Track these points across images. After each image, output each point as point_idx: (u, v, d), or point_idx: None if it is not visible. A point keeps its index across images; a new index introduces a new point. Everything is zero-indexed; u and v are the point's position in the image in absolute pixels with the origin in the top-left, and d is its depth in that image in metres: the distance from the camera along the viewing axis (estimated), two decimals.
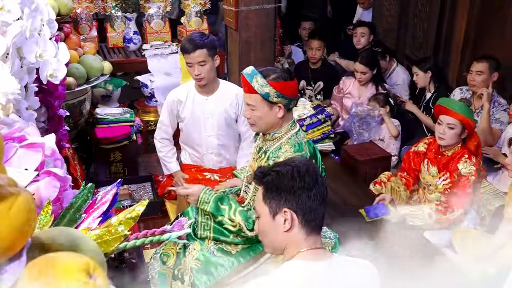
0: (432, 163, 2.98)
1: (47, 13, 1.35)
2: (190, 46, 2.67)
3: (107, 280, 0.65)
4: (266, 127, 2.11)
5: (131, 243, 0.86)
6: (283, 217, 1.44)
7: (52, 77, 1.35)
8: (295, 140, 2.09)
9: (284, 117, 2.09)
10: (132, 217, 0.85)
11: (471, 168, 2.79)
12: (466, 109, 2.79)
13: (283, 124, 2.11)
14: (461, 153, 2.85)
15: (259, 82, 2.01)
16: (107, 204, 0.92)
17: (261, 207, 1.49)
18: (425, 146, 3.08)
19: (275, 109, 2.05)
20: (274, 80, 2.01)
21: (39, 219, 0.81)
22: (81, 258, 0.63)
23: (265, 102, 2.03)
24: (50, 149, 0.97)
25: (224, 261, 2.10)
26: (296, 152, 2.05)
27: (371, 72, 4.19)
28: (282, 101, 2.04)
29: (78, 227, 0.88)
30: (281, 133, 2.12)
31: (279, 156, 2.06)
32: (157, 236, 0.89)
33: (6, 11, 1.14)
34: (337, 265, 1.42)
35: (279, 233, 1.46)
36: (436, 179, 2.94)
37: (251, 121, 2.12)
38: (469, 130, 2.81)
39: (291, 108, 2.12)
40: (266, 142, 2.17)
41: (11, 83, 1.08)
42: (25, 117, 1.21)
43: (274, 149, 2.11)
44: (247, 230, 2.03)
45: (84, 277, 0.60)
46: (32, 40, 1.23)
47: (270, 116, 2.07)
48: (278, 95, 2.01)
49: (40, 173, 0.91)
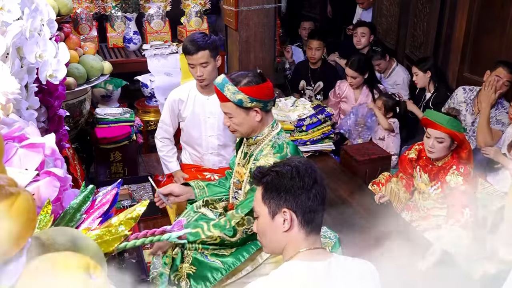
0: (424, 171, 2.96)
1: (47, 13, 1.35)
2: (193, 47, 2.66)
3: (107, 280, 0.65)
4: (247, 131, 2.13)
5: (131, 243, 0.86)
6: (282, 217, 1.44)
7: (51, 77, 1.35)
8: (275, 141, 2.10)
9: (263, 119, 2.10)
10: (133, 218, 0.85)
11: (457, 179, 2.76)
12: (454, 123, 2.73)
13: (264, 126, 2.12)
14: (450, 163, 2.82)
15: (230, 90, 2.03)
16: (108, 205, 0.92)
17: (260, 207, 1.49)
18: (416, 152, 3.05)
19: (252, 113, 2.07)
20: (246, 86, 2.03)
21: (39, 219, 0.81)
22: (81, 258, 0.63)
23: (240, 108, 2.05)
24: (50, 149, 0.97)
25: (219, 264, 2.10)
26: (276, 154, 2.05)
27: (361, 76, 4.18)
28: (257, 105, 2.05)
29: (78, 227, 0.88)
30: (263, 136, 2.13)
31: (259, 159, 2.07)
32: (157, 236, 0.89)
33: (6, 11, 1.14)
34: (337, 265, 1.42)
35: (278, 233, 1.46)
36: (428, 187, 2.93)
37: (231, 128, 2.15)
38: (458, 141, 2.79)
39: (269, 110, 2.12)
40: (249, 146, 2.19)
41: (11, 83, 1.08)
42: (25, 117, 1.21)
43: (256, 153, 2.13)
44: (229, 238, 2.04)
45: (84, 277, 0.60)
46: (32, 40, 1.23)
47: (248, 121, 2.08)
48: (252, 100, 2.03)
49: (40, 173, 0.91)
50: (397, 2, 5.22)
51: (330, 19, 6.65)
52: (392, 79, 4.65)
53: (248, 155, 2.18)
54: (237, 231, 2.04)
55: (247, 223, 2.04)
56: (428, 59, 4.22)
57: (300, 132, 3.54)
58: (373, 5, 5.70)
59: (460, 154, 2.83)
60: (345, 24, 6.00)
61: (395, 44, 5.27)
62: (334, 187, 3.06)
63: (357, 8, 5.87)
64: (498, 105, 3.59)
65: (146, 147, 4.26)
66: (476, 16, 4.08)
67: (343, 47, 5.33)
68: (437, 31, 4.51)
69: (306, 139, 3.53)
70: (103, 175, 3.68)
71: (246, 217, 2.04)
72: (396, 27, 5.26)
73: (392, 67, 4.68)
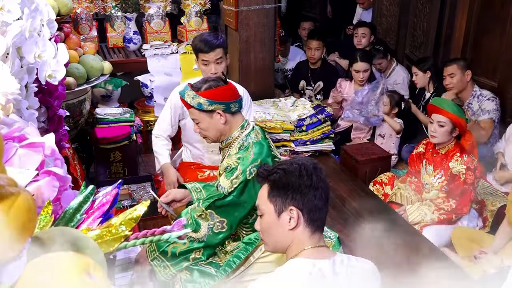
0: (429, 163, 3.03)
1: (47, 13, 1.35)
2: (208, 44, 2.70)
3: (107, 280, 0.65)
4: (216, 135, 2.16)
5: (131, 243, 0.86)
6: (288, 215, 1.44)
7: (50, 77, 1.35)
8: (243, 143, 2.11)
9: (228, 122, 2.12)
10: (134, 218, 0.85)
11: (461, 166, 2.82)
12: (456, 108, 2.85)
13: (232, 129, 2.15)
14: (454, 151, 2.90)
15: (190, 96, 2.09)
16: (108, 205, 0.92)
17: (266, 205, 1.49)
18: (424, 146, 3.15)
19: (216, 116, 2.10)
20: (205, 90, 2.08)
21: (39, 219, 0.81)
22: (81, 258, 0.63)
23: (203, 112, 2.09)
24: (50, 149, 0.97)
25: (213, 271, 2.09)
26: (238, 154, 2.06)
27: (370, 68, 4.20)
28: (218, 107, 2.08)
29: (78, 227, 0.88)
30: (232, 138, 2.15)
31: (224, 163, 2.10)
32: (157, 236, 0.89)
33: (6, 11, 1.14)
34: (341, 263, 1.43)
35: (283, 231, 1.46)
36: (432, 177, 2.97)
37: (201, 134, 2.20)
38: (460, 128, 2.87)
39: (234, 111, 2.13)
40: (223, 150, 2.21)
41: (11, 83, 1.08)
42: (25, 117, 1.21)
43: (226, 156, 2.14)
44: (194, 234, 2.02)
45: (84, 277, 0.60)
46: (31, 40, 1.23)
47: (213, 124, 2.12)
48: (211, 103, 2.07)
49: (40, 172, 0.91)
50: (397, 2, 5.22)
51: (330, 19, 6.66)
52: (392, 78, 4.65)
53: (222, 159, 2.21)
54: (200, 225, 2.03)
55: (210, 219, 2.03)
56: (428, 59, 4.22)
57: (300, 132, 3.54)
58: (373, 5, 5.70)
59: (463, 145, 2.89)
60: (345, 24, 6.00)
61: (395, 44, 5.27)
62: (334, 187, 3.06)
63: (357, 8, 5.87)
64: (479, 97, 3.74)
65: (146, 147, 4.26)
66: (476, 16, 4.09)
67: (343, 47, 5.33)
68: (437, 31, 4.52)
69: (306, 139, 3.53)
70: (103, 175, 3.68)
71: (208, 211, 2.04)
72: (396, 27, 5.26)
73: (392, 66, 4.68)
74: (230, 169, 2.06)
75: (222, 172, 2.12)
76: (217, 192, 2.36)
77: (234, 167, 2.05)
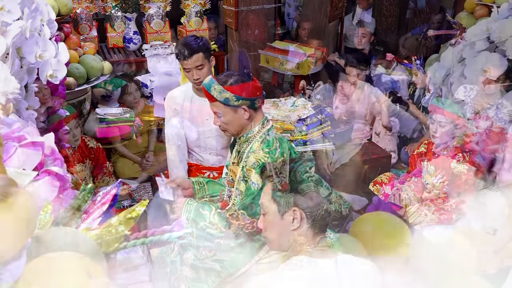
0: (430, 163, 3.01)
1: (47, 13, 1.35)
2: (186, 51, 2.65)
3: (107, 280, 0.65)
4: (237, 130, 2.16)
5: (131, 243, 0.86)
6: (291, 216, 1.45)
7: (52, 77, 1.35)
8: (265, 137, 2.12)
9: (252, 117, 2.13)
10: (132, 217, 0.85)
11: (462, 167, 2.81)
12: (454, 106, 2.85)
13: (254, 124, 2.15)
14: (455, 151, 2.89)
15: (217, 90, 2.08)
16: (107, 205, 0.92)
17: (270, 204, 1.50)
18: (425, 146, 3.14)
19: (240, 111, 2.10)
20: (231, 85, 2.07)
21: (39, 219, 0.81)
22: (80, 258, 0.63)
23: (228, 107, 2.09)
24: (49, 148, 0.97)
25: (218, 268, 2.10)
26: (265, 149, 2.07)
27: (363, 73, 4.16)
28: (244, 103, 2.08)
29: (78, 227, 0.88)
30: (253, 133, 2.15)
31: (249, 156, 2.09)
32: (157, 236, 0.89)
33: (6, 11, 1.14)
34: (343, 263, 1.44)
35: (286, 231, 1.47)
36: (433, 177, 2.97)
37: (222, 127, 2.18)
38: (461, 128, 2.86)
39: (257, 107, 2.14)
40: (241, 144, 2.21)
41: (11, 83, 1.08)
42: (25, 117, 1.21)
43: (247, 150, 2.15)
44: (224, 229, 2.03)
45: (84, 277, 0.60)
46: (32, 40, 1.23)
47: (237, 119, 2.12)
48: (238, 98, 2.07)
49: (39, 172, 0.91)
50: (397, 2, 5.22)
51: None
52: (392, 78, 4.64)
53: (241, 153, 2.21)
54: (230, 223, 2.04)
55: (241, 218, 2.04)
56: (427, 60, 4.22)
57: (300, 132, 3.53)
58: (373, 5, 5.70)
59: (465, 145, 2.89)
60: None
61: (395, 44, 5.27)
62: (334, 187, 3.06)
63: (357, 8, 5.86)
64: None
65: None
66: None
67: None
68: None
69: (306, 139, 3.53)
70: None
71: (240, 211, 2.04)
72: (396, 27, 5.26)
73: (392, 67, 4.68)
74: (260, 164, 2.07)
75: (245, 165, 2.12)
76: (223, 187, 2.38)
77: (264, 162, 2.06)
